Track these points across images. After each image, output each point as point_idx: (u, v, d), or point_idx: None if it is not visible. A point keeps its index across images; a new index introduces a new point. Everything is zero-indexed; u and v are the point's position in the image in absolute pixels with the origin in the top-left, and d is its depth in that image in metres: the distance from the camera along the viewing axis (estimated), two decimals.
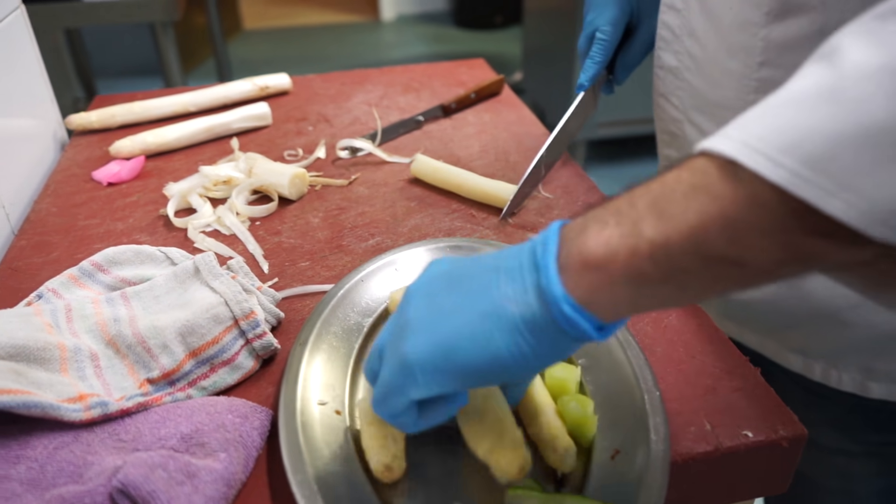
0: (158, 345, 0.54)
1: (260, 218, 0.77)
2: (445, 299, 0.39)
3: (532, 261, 0.37)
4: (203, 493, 0.44)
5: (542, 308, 0.36)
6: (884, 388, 0.73)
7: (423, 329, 0.39)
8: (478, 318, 0.38)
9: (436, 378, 0.38)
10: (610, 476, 0.46)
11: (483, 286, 0.38)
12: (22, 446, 0.47)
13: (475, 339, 0.37)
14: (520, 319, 0.37)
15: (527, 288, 0.37)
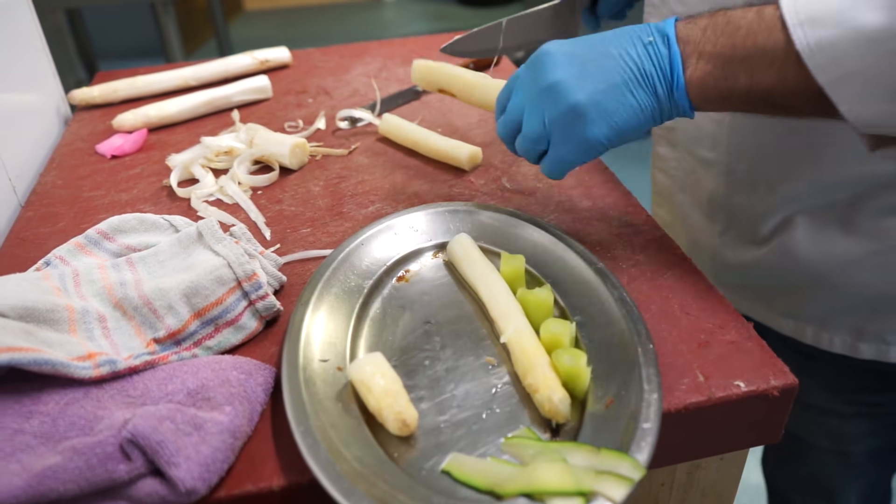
0: (164, 306, 0.55)
1: (261, 187, 0.78)
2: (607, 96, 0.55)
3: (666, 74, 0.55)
4: (209, 443, 0.45)
5: (672, 107, 0.56)
6: (873, 348, 0.75)
7: (600, 122, 0.55)
8: (638, 111, 0.55)
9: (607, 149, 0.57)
10: (604, 424, 0.48)
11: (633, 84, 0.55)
12: (34, 402, 0.48)
13: (636, 126, 0.56)
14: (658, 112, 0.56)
15: (663, 94, 0.55)
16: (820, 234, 0.72)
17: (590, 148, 0.57)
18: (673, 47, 0.54)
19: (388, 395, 0.48)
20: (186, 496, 0.43)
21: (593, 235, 0.68)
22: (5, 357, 0.47)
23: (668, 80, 0.54)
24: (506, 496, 0.44)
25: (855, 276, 0.72)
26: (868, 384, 0.79)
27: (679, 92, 0.54)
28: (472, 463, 0.46)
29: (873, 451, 0.87)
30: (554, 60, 0.56)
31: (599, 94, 0.55)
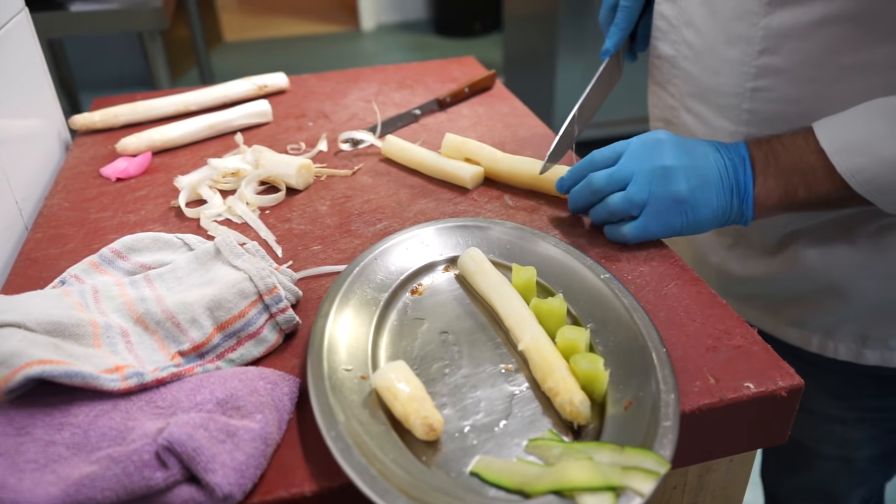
0: (187, 319, 0.56)
1: (269, 207, 0.80)
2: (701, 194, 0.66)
3: (741, 187, 0.66)
4: (243, 450, 0.46)
5: (739, 215, 0.67)
6: (877, 354, 0.77)
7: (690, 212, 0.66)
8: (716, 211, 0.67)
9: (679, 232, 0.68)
10: (624, 425, 0.49)
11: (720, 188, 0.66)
12: (64, 414, 0.49)
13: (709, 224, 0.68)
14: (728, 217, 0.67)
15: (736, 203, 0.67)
16: (825, 245, 0.75)
17: (673, 231, 0.68)
18: (748, 168, 0.66)
19: (414, 400, 0.50)
20: (223, 501, 0.44)
21: (597, 249, 0.70)
22: (37, 370, 0.47)
23: (741, 192, 0.66)
24: (535, 494, 0.45)
25: (859, 284, 0.75)
26: (871, 390, 0.82)
27: (747, 204, 0.66)
28: (499, 464, 0.47)
29: (876, 456, 0.89)
30: (668, 148, 0.67)
31: (697, 189, 0.66)
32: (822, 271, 0.76)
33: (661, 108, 0.84)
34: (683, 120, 0.80)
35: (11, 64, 0.87)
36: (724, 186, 0.66)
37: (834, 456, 0.88)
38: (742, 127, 0.74)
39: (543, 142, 0.93)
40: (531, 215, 0.76)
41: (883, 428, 0.86)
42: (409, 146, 0.87)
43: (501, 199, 0.80)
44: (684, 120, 0.80)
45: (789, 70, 0.68)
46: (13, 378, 0.47)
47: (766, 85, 0.70)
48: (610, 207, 0.68)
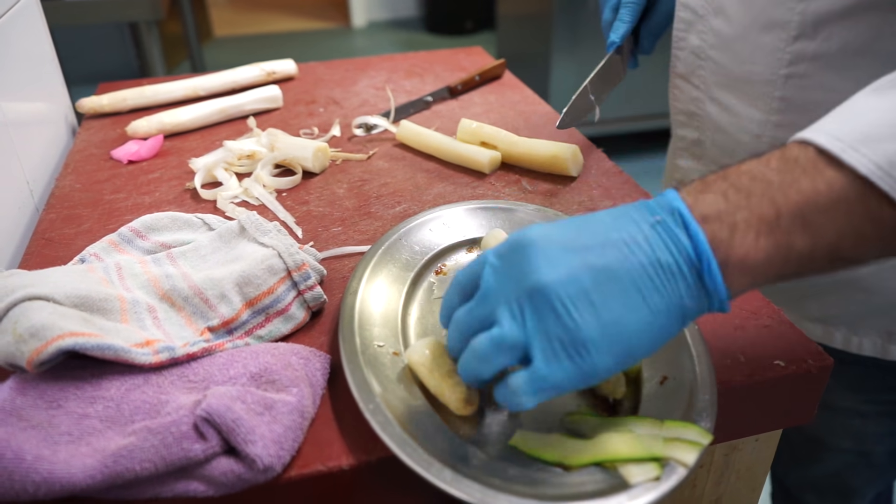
0: (216, 295, 0.55)
1: (285, 190, 0.79)
2: (612, 307, 0.40)
3: (689, 263, 0.41)
4: (281, 422, 0.46)
5: (707, 302, 0.42)
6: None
7: (605, 345, 0.40)
8: (661, 328, 0.41)
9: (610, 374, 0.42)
10: (661, 400, 0.49)
11: (648, 288, 0.41)
12: (95, 388, 0.48)
13: (653, 339, 0.41)
14: (691, 314, 0.42)
15: (695, 290, 0.41)
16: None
17: (594, 377, 0.41)
18: (692, 225, 0.41)
19: (450, 375, 0.49)
20: (263, 473, 0.44)
21: None
22: (69, 342, 0.47)
23: (695, 269, 0.41)
24: (576, 467, 0.45)
25: (886, 278, 0.73)
26: (893, 383, 0.82)
27: (714, 282, 0.41)
28: (538, 437, 0.47)
29: (894, 450, 0.89)
30: (540, 253, 0.42)
31: (610, 316, 0.40)
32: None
33: (685, 101, 0.84)
34: (709, 111, 0.80)
35: (20, 46, 0.86)
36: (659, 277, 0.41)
37: (850, 450, 0.88)
38: (773, 115, 0.72)
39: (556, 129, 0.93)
40: (549, 199, 0.76)
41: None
42: (425, 131, 0.87)
43: (519, 184, 0.80)
44: (709, 111, 0.80)
45: (826, 56, 0.66)
46: (45, 350, 0.46)
47: (800, 71, 0.69)
48: (477, 354, 0.43)
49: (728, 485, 0.62)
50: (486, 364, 0.43)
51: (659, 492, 0.42)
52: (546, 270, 0.41)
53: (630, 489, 0.42)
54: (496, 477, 0.44)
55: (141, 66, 2.08)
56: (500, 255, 0.44)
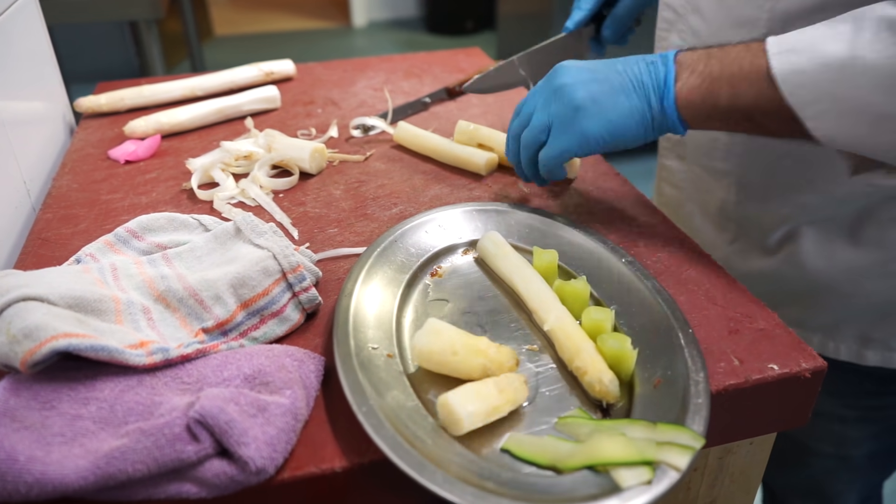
0: (211, 296, 0.55)
1: (282, 191, 0.79)
2: (606, 98, 0.62)
3: (659, 85, 0.62)
4: (275, 424, 0.46)
5: (663, 116, 0.62)
6: (879, 355, 0.77)
7: (595, 116, 0.63)
8: (629, 112, 0.62)
9: (600, 146, 0.64)
10: (654, 403, 0.49)
11: (629, 90, 0.62)
12: (89, 389, 0.48)
13: (628, 126, 0.63)
14: (650, 119, 0.63)
15: (655, 103, 0.62)
16: (827, 244, 0.75)
17: (585, 140, 0.64)
18: (669, 65, 0.62)
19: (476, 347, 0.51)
20: (256, 475, 0.44)
21: (615, 234, 0.70)
22: (63, 343, 0.47)
23: (660, 90, 0.62)
24: (568, 470, 0.45)
25: (861, 284, 0.74)
26: (871, 388, 0.82)
27: (668, 102, 0.61)
28: (530, 441, 0.47)
29: (874, 454, 0.90)
30: (566, 70, 0.65)
31: (598, 94, 0.63)
32: (823, 270, 0.76)
33: None
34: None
35: (18, 44, 0.86)
36: (637, 87, 0.62)
37: (831, 454, 0.89)
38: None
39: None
40: (546, 201, 0.76)
41: (882, 426, 0.86)
42: (422, 132, 0.87)
43: (515, 186, 0.80)
44: None
45: None
46: (39, 351, 0.46)
47: None
48: (524, 144, 0.68)
49: (722, 488, 0.62)
50: (528, 148, 0.68)
51: (651, 495, 0.42)
52: (566, 77, 0.64)
53: (622, 493, 0.42)
54: (489, 480, 0.44)
55: (141, 65, 2.08)
56: (543, 79, 0.68)
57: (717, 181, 0.82)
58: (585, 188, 0.79)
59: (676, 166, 0.88)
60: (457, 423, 0.47)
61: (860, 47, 0.51)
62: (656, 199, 0.96)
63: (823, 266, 0.76)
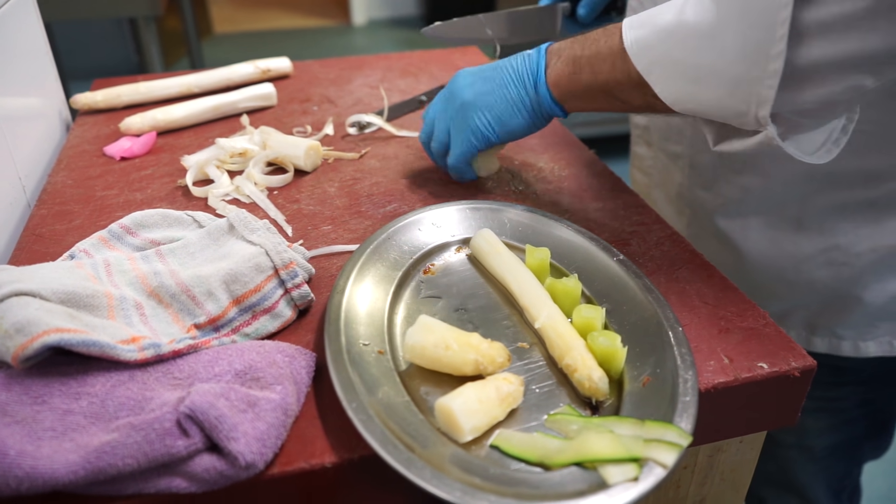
0: (203, 292, 0.56)
1: (277, 188, 0.79)
2: (490, 93, 0.70)
3: (533, 74, 0.68)
4: (265, 419, 0.46)
5: (539, 100, 0.68)
6: (826, 342, 0.79)
7: (481, 110, 0.70)
8: (510, 102, 0.69)
9: (494, 136, 0.71)
10: (643, 401, 0.50)
11: (509, 83, 0.69)
12: (80, 384, 0.48)
13: (513, 116, 0.69)
14: (530, 105, 0.69)
15: (531, 90, 0.68)
16: (773, 231, 0.78)
17: (477, 135, 0.71)
18: (542, 54, 0.68)
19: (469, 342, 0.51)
20: (245, 470, 0.44)
21: (607, 233, 0.70)
22: (55, 338, 0.47)
23: (533, 77, 0.68)
24: (556, 467, 0.45)
25: (806, 272, 0.77)
26: (826, 379, 0.83)
27: (542, 88, 0.68)
28: (519, 437, 0.48)
29: (835, 445, 0.91)
30: (460, 75, 0.73)
31: (483, 91, 0.70)
32: (770, 257, 0.78)
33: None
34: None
35: (14, 41, 0.86)
36: (514, 78, 0.69)
37: (792, 444, 0.90)
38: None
39: (549, 129, 0.93)
40: (539, 199, 0.76)
41: (839, 418, 0.88)
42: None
43: (509, 186, 0.80)
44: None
45: None
46: (31, 346, 0.46)
47: None
48: (435, 154, 0.77)
49: (712, 486, 0.62)
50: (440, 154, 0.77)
51: (637, 492, 0.42)
52: (458, 81, 0.73)
53: (609, 489, 0.43)
54: (477, 476, 0.44)
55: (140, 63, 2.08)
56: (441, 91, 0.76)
57: (674, 164, 0.86)
58: (579, 187, 0.79)
59: (645, 152, 0.92)
60: (458, 433, 0.47)
61: (685, 12, 0.55)
62: (632, 186, 0.97)
63: (770, 253, 0.79)
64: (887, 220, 0.72)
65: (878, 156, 0.69)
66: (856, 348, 0.79)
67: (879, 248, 0.74)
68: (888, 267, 0.74)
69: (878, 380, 0.83)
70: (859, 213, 0.73)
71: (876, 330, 0.78)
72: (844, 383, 0.83)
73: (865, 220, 0.73)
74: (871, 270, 0.75)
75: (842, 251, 0.75)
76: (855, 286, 0.76)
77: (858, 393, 0.85)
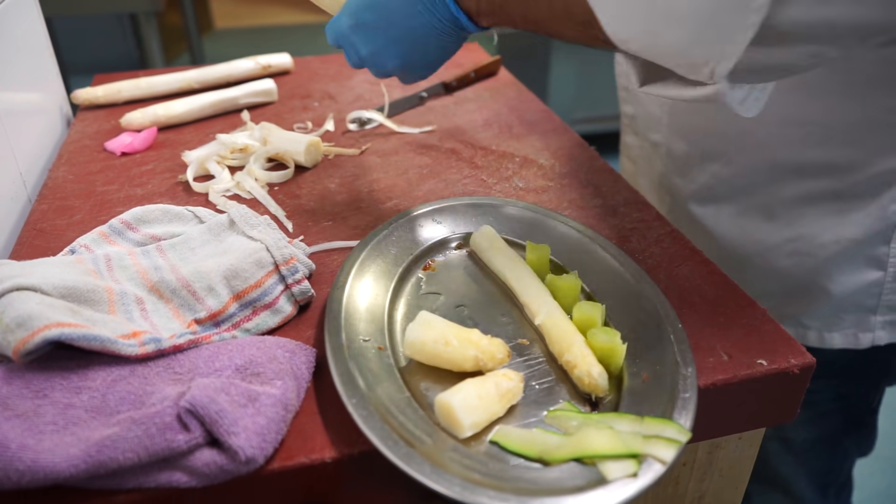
0: (204, 287, 0.56)
1: (277, 184, 0.79)
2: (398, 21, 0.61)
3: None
4: (265, 414, 0.46)
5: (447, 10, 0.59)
6: (792, 331, 0.81)
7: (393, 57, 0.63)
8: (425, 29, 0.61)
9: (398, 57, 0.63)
10: (642, 398, 0.50)
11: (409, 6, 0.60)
12: (81, 378, 0.49)
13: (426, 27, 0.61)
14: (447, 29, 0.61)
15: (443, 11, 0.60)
16: (743, 219, 0.79)
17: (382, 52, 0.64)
18: None
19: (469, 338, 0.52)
20: (245, 465, 0.44)
21: (608, 230, 0.70)
22: (56, 332, 0.47)
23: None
24: (556, 462, 0.45)
25: (773, 260, 0.78)
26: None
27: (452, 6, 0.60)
28: (519, 433, 0.48)
29: (813, 439, 0.91)
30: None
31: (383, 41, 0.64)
32: (739, 245, 0.79)
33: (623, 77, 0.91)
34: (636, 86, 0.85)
35: (15, 36, 0.86)
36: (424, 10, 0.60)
37: (771, 436, 0.91)
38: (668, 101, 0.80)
39: (550, 126, 0.93)
40: (539, 196, 0.77)
41: (815, 411, 0.88)
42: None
43: (511, 181, 0.80)
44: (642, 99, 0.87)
45: None
46: (31, 340, 0.47)
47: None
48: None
49: (711, 482, 0.63)
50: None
51: (636, 487, 0.42)
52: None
53: (608, 485, 0.43)
54: (476, 472, 0.44)
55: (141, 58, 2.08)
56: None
57: (655, 152, 0.88)
58: (580, 184, 0.79)
59: (632, 141, 0.94)
60: (457, 428, 0.47)
61: None
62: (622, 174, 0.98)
63: (739, 240, 0.80)
64: (851, 212, 0.73)
65: (843, 148, 0.70)
66: (821, 339, 0.79)
67: (843, 240, 0.74)
68: (852, 259, 0.75)
69: (849, 374, 0.84)
70: (824, 204, 0.73)
71: (841, 322, 0.78)
72: (817, 376, 0.83)
73: (830, 212, 0.74)
74: (835, 262, 0.75)
75: (806, 241, 0.75)
76: (819, 276, 0.76)
77: (832, 386, 0.85)
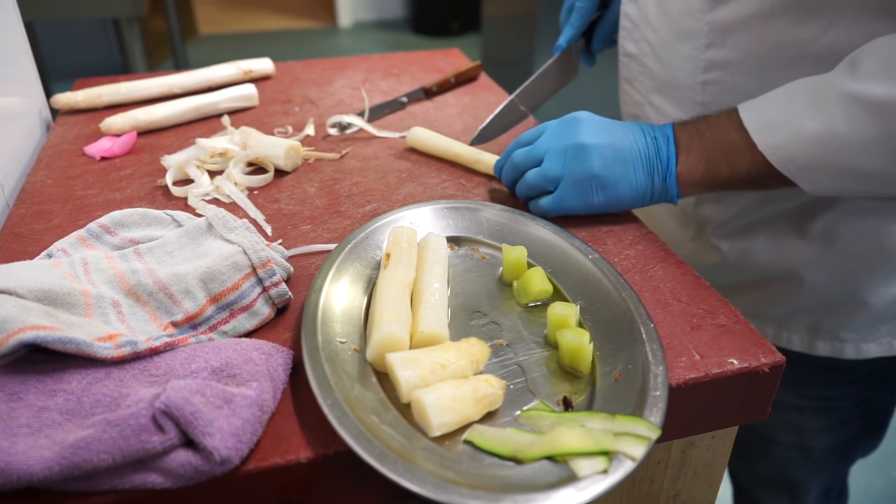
0: (181, 290, 0.56)
1: (257, 188, 0.80)
2: (617, 168, 0.68)
3: (663, 164, 0.68)
4: (240, 415, 0.46)
5: (663, 191, 0.69)
6: (829, 346, 0.80)
7: (606, 188, 0.69)
8: (636, 188, 0.69)
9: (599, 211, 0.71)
10: (614, 397, 0.51)
11: (637, 163, 0.68)
12: (57, 381, 0.49)
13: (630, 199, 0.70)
14: (650, 193, 0.69)
15: (658, 181, 0.69)
16: (777, 238, 0.78)
17: (589, 207, 0.70)
18: (671, 145, 0.68)
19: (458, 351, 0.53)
20: (220, 465, 0.44)
21: (585, 232, 0.71)
22: (31, 335, 0.47)
23: (663, 169, 0.68)
24: (529, 461, 0.46)
25: (809, 277, 0.78)
26: (824, 379, 0.84)
27: (671, 180, 0.68)
28: (493, 432, 0.48)
29: (833, 445, 0.92)
30: (584, 126, 0.69)
31: (612, 167, 0.68)
32: (774, 263, 0.79)
33: (630, 104, 0.88)
34: (648, 115, 0.83)
35: None
36: (644, 164, 0.68)
37: (790, 444, 0.91)
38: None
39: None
40: (517, 199, 0.77)
41: (837, 418, 0.89)
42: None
43: (489, 185, 0.81)
44: (648, 115, 0.83)
45: (735, 63, 0.71)
46: (6, 343, 0.46)
47: (714, 78, 0.73)
48: (528, 182, 0.71)
49: (686, 480, 0.63)
50: (531, 189, 0.71)
51: (606, 484, 0.43)
52: (585, 136, 0.68)
53: (578, 481, 0.43)
54: (450, 471, 0.45)
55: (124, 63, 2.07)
56: (559, 122, 0.71)
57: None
58: None
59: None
60: (427, 427, 0.48)
61: (834, 122, 0.58)
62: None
63: (774, 259, 0.79)
64: (891, 224, 0.73)
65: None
66: (858, 350, 0.80)
67: (884, 252, 0.74)
68: (891, 270, 0.75)
69: (875, 378, 0.84)
70: (864, 218, 0.74)
71: (877, 332, 0.79)
72: (843, 383, 0.84)
73: (869, 226, 0.74)
74: (876, 274, 0.75)
75: (847, 256, 0.75)
76: (860, 290, 0.76)
77: (856, 392, 0.86)
